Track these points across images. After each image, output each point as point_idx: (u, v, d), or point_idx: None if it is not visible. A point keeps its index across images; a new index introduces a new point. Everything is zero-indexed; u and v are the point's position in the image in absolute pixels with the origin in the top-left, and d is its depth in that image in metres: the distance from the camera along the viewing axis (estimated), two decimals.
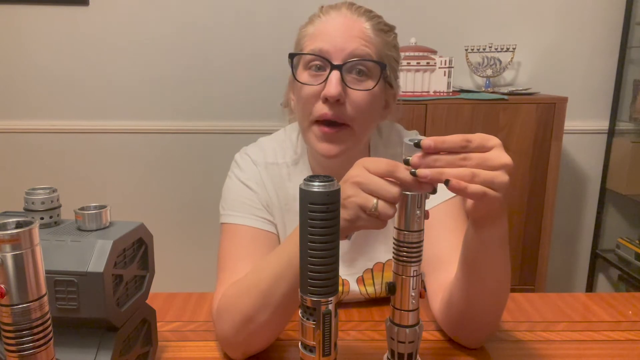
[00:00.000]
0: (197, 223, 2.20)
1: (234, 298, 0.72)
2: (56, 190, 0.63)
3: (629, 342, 0.81)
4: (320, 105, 0.77)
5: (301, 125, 0.83)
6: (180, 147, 2.15)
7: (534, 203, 1.81)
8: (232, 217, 0.85)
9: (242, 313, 0.70)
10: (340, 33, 0.78)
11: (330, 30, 0.79)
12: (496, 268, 0.69)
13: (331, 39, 0.77)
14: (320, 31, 0.79)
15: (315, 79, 0.78)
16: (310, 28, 0.82)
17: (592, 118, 2.16)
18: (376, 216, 0.58)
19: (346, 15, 0.80)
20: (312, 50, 0.78)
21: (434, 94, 1.79)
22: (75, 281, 0.55)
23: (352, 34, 0.78)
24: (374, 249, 0.91)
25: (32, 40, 2.05)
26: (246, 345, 0.73)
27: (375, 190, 0.57)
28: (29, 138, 2.13)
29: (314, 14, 0.84)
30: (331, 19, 0.80)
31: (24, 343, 0.46)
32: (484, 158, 0.56)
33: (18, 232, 0.43)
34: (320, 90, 0.77)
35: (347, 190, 0.59)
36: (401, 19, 2.02)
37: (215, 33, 2.06)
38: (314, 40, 0.79)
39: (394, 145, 0.92)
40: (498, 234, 0.65)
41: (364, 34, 0.78)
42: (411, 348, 0.63)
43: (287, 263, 0.65)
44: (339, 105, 0.76)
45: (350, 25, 0.78)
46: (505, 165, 0.57)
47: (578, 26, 2.08)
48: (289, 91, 0.89)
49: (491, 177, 0.56)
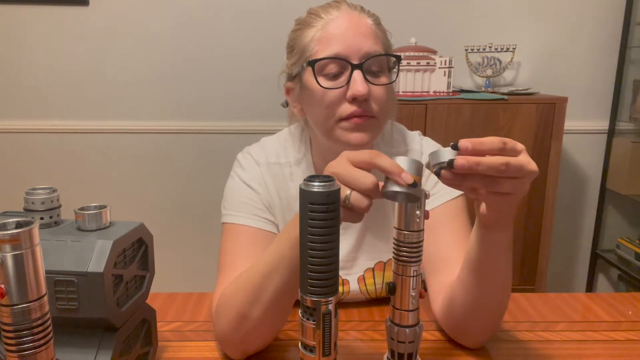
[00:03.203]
0: (197, 223, 2.20)
1: (230, 296, 0.72)
2: (56, 190, 0.63)
3: (629, 342, 0.81)
4: (347, 105, 0.78)
5: (323, 127, 0.81)
6: (180, 147, 2.15)
7: (534, 203, 1.81)
8: (233, 216, 0.85)
9: (237, 310, 0.71)
10: (351, 32, 0.78)
11: (340, 31, 0.78)
12: (500, 271, 0.69)
13: (344, 39, 0.77)
14: (329, 34, 0.78)
15: (335, 82, 0.78)
16: (313, 32, 0.80)
17: (592, 118, 2.16)
18: (349, 208, 0.57)
19: (349, 13, 0.80)
20: (327, 54, 0.77)
21: (434, 94, 1.79)
22: (75, 281, 0.55)
23: (362, 32, 0.78)
24: (376, 248, 0.91)
25: (32, 40, 2.05)
26: (244, 344, 0.73)
27: (349, 182, 0.57)
28: (29, 138, 2.13)
29: (308, 16, 0.83)
30: (335, 19, 0.79)
31: (24, 343, 0.46)
32: (520, 165, 0.56)
33: (18, 232, 0.43)
34: (344, 92, 0.78)
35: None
36: (401, 19, 2.04)
37: (216, 33, 2.06)
38: (325, 44, 0.78)
39: (397, 144, 0.92)
40: (505, 238, 0.66)
41: (370, 30, 0.79)
42: (411, 348, 0.63)
43: (279, 257, 0.66)
44: (366, 102, 0.78)
45: (357, 23, 0.79)
46: (535, 173, 0.57)
47: (578, 26, 2.08)
48: (293, 100, 0.87)
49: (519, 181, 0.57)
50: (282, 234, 0.67)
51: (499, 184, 0.57)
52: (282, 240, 0.66)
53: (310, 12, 0.83)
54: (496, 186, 0.57)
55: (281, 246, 0.66)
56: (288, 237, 0.64)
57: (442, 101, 1.74)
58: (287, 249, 0.64)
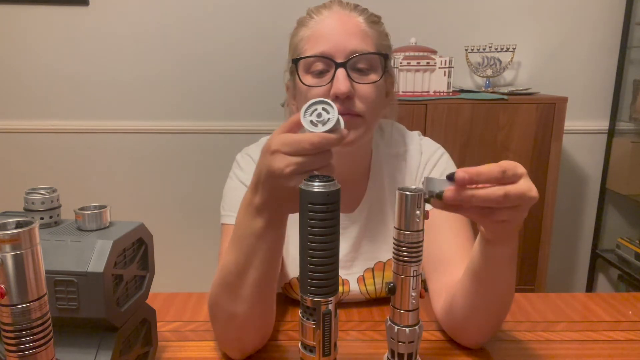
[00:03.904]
0: (197, 223, 2.20)
1: (215, 298, 0.72)
2: (56, 190, 0.63)
3: (629, 342, 0.81)
4: None
5: None
6: (180, 147, 2.15)
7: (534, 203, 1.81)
8: (232, 217, 0.85)
9: (223, 310, 0.71)
10: (338, 31, 0.79)
11: (328, 30, 0.79)
12: (503, 282, 0.69)
13: (330, 38, 0.78)
14: (318, 33, 0.80)
15: (320, 80, 0.79)
16: (304, 31, 0.82)
17: (592, 118, 2.16)
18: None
19: (339, 12, 0.81)
20: (314, 53, 0.79)
21: (434, 94, 1.79)
22: (75, 281, 0.55)
23: (349, 30, 0.79)
24: (375, 249, 0.91)
25: (32, 40, 2.05)
26: (240, 343, 0.73)
27: (312, 167, 0.56)
28: (29, 138, 2.13)
29: (304, 16, 0.85)
30: (325, 18, 0.81)
31: (24, 343, 0.46)
32: (520, 194, 0.55)
33: (18, 232, 0.43)
34: (328, 90, 0.78)
35: (289, 183, 0.57)
36: (401, 19, 2.04)
37: (216, 33, 2.06)
38: (313, 43, 0.80)
39: (397, 145, 0.92)
40: (508, 252, 0.65)
41: (359, 28, 0.80)
42: (411, 348, 0.63)
43: (251, 252, 0.65)
44: (349, 100, 0.78)
45: (346, 21, 0.80)
46: (534, 200, 0.56)
47: (578, 26, 2.08)
48: (290, 97, 0.89)
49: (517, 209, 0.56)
50: (242, 229, 0.66)
51: (496, 214, 0.56)
52: (249, 238, 0.65)
53: (308, 11, 0.85)
54: (493, 216, 0.56)
55: (250, 242, 0.65)
56: (252, 232, 0.64)
57: (442, 101, 1.74)
58: (255, 244, 0.65)
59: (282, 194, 0.60)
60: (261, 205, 0.62)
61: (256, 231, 0.64)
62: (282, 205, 0.62)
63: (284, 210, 0.63)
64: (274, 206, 0.62)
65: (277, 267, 0.69)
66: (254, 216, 0.63)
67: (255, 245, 0.65)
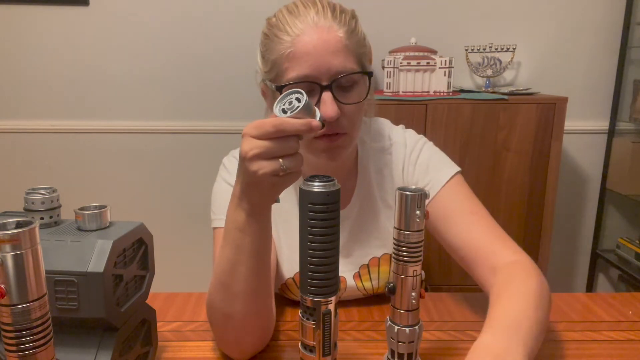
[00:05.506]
0: (197, 223, 2.20)
1: (210, 300, 0.73)
2: (56, 190, 0.63)
3: (629, 342, 0.81)
4: None
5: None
6: (180, 147, 2.15)
7: (534, 203, 1.81)
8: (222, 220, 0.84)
9: (220, 311, 0.71)
10: (319, 51, 0.73)
11: (309, 49, 0.73)
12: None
13: (313, 60, 0.73)
14: (298, 51, 0.74)
15: None
16: (282, 46, 0.75)
17: (592, 118, 2.16)
18: (289, 172, 0.60)
19: (318, 27, 0.74)
20: (297, 77, 0.74)
21: (434, 94, 1.79)
22: (75, 281, 0.55)
23: (331, 48, 0.74)
24: (368, 244, 0.92)
25: (32, 40, 2.05)
26: (239, 344, 0.73)
27: (275, 153, 0.59)
28: (29, 138, 2.13)
29: (275, 22, 0.79)
30: (304, 35, 0.74)
31: (24, 343, 0.46)
32: None
33: (18, 232, 0.43)
34: None
35: (251, 167, 0.60)
36: (401, 19, 2.04)
37: (216, 33, 2.05)
38: (294, 63, 0.74)
39: (382, 139, 0.93)
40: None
41: (341, 44, 0.75)
42: (411, 348, 0.63)
43: (238, 249, 0.66)
44: (336, 121, 0.75)
45: (326, 39, 0.74)
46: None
47: (578, 26, 2.08)
48: (269, 105, 0.87)
49: None
50: (228, 222, 0.67)
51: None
52: (233, 232, 0.66)
53: (279, 19, 0.78)
54: None
55: (235, 237, 0.66)
56: (235, 226, 0.65)
57: (442, 101, 1.74)
58: (240, 237, 0.65)
59: (253, 180, 0.60)
60: (240, 193, 0.64)
61: (239, 224, 0.65)
62: (259, 195, 0.63)
63: (263, 201, 0.64)
64: (251, 195, 0.63)
65: (266, 263, 0.69)
66: (236, 206, 0.65)
67: (241, 239, 0.66)
